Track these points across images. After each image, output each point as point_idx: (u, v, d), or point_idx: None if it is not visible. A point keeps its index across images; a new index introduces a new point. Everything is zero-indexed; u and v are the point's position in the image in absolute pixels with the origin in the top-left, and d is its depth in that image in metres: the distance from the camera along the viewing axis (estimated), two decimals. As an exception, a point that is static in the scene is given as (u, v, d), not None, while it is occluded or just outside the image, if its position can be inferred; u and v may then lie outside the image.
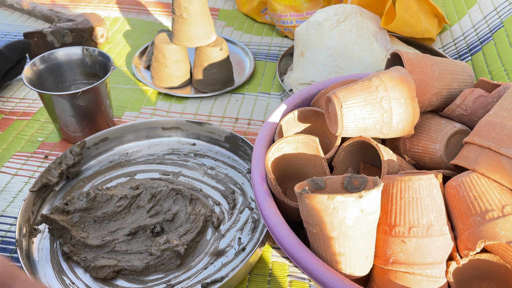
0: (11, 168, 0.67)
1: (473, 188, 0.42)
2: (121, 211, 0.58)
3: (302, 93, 0.60)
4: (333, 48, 0.74)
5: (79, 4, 1.11)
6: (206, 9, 0.77)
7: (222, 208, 0.60)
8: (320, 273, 0.40)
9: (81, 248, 0.53)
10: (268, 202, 0.47)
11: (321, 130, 0.58)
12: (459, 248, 0.42)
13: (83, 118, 0.67)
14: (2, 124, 0.74)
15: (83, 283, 0.51)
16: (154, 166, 0.66)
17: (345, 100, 0.47)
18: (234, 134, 0.67)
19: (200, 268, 0.53)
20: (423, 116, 0.55)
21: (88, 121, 0.68)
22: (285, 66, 0.87)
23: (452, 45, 0.91)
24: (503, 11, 0.83)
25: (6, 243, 0.56)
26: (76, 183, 0.63)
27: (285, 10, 0.95)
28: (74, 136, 0.69)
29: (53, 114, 0.67)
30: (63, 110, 0.65)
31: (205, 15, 0.77)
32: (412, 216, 0.41)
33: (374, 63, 0.74)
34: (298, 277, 0.54)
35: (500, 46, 0.79)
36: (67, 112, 0.65)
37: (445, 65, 0.54)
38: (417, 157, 0.53)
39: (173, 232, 0.56)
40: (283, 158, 0.51)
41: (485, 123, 0.45)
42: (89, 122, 0.68)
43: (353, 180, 0.44)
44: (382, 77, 0.49)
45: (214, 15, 1.09)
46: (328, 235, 0.40)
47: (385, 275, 0.43)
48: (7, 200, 0.62)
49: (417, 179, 0.42)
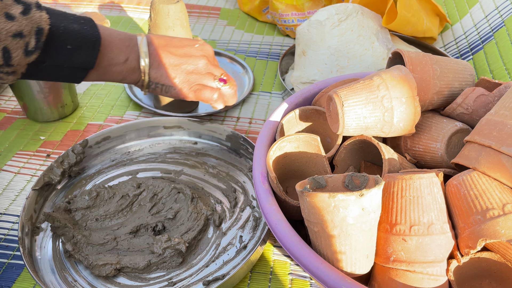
0: (13, 166, 0.67)
1: (474, 186, 0.42)
2: (123, 210, 0.58)
3: (303, 92, 0.61)
4: (335, 47, 0.74)
5: (81, 3, 1.11)
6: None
7: (223, 207, 0.60)
8: (321, 271, 0.40)
9: (83, 246, 0.54)
10: (270, 200, 0.47)
11: (322, 129, 0.58)
12: (459, 247, 0.42)
13: (48, 93, 0.71)
14: (4, 122, 0.75)
15: (85, 281, 0.51)
16: (156, 165, 0.66)
17: (346, 99, 0.48)
18: (235, 132, 0.67)
19: (202, 266, 0.53)
20: (424, 115, 0.55)
21: (54, 95, 0.72)
22: (286, 65, 0.87)
23: (454, 44, 0.91)
24: (504, 10, 0.83)
25: (8, 241, 0.57)
26: (78, 181, 0.64)
27: (286, 9, 0.95)
28: (42, 113, 0.73)
29: (18, 92, 0.71)
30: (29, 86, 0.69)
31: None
32: (413, 214, 0.41)
33: (376, 62, 0.74)
34: (299, 275, 0.54)
35: (502, 45, 0.79)
36: (34, 88, 0.69)
37: (446, 64, 0.54)
38: (418, 156, 0.53)
39: (175, 230, 0.56)
40: (284, 157, 0.51)
41: (486, 122, 0.45)
42: (55, 97, 0.72)
43: (354, 179, 0.44)
44: (383, 76, 0.49)
45: (215, 14, 1.09)
46: (329, 233, 0.40)
47: (386, 273, 0.43)
48: (9, 199, 0.62)
49: (418, 178, 0.42)
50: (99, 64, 0.54)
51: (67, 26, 0.50)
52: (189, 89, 0.60)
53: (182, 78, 0.59)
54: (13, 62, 0.46)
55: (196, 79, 0.60)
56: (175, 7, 0.69)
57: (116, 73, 0.56)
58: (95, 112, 0.78)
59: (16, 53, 0.45)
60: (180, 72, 0.59)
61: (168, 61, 0.58)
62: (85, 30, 0.51)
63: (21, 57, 0.46)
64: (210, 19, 1.07)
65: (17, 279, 0.53)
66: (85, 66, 0.52)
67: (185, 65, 0.59)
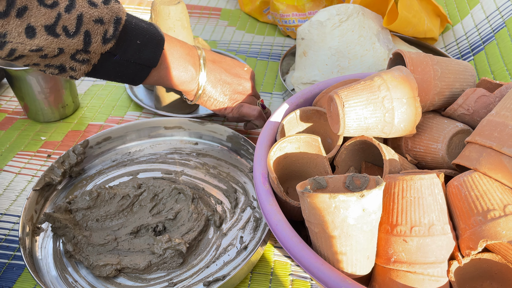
0: (14, 167, 0.67)
1: (475, 187, 0.42)
2: (124, 210, 0.58)
3: (304, 93, 0.61)
4: (335, 48, 0.74)
5: (82, 3, 1.11)
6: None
7: (224, 207, 0.60)
8: (321, 272, 0.40)
9: (83, 246, 0.54)
10: (270, 201, 0.47)
11: (323, 129, 0.58)
12: (460, 248, 0.42)
13: (49, 94, 0.71)
14: (5, 123, 0.75)
15: (86, 281, 0.51)
16: (157, 165, 0.66)
17: (347, 100, 0.48)
18: (236, 133, 0.67)
19: (202, 267, 0.53)
20: (425, 116, 0.55)
21: (55, 96, 0.72)
22: (287, 66, 0.87)
23: (455, 44, 0.91)
24: (505, 11, 0.83)
25: (9, 242, 0.57)
26: (79, 182, 0.64)
27: (287, 9, 0.95)
28: (43, 114, 0.74)
29: (19, 92, 0.71)
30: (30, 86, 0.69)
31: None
32: (413, 215, 0.41)
33: (376, 63, 0.74)
34: (300, 276, 0.54)
35: (503, 46, 0.79)
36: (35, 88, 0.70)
37: (447, 64, 0.54)
38: (419, 156, 0.53)
39: (175, 231, 0.56)
40: (285, 158, 0.51)
41: (487, 123, 0.45)
42: (56, 97, 0.72)
43: (355, 180, 0.44)
44: (384, 76, 0.49)
45: (216, 15, 1.09)
46: (330, 234, 0.40)
47: (387, 274, 0.43)
48: (10, 199, 0.62)
49: (419, 179, 0.42)
50: (161, 65, 0.56)
51: (138, 23, 0.53)
52: (232, 107, 0.63)
53: (230, 95, 0.62)
54: (91, 48, 0.48)
55: (241, 99, 0.64)
56: (176, 8, 0.69)
57: (174, 78, 0.58)
58: (96, 113, 0.78)
59: (96, 38, 0.48)
60: (231, 90, 0.62)
61: (222, 77, 0.61)
62: (151, 29, 0.54)
63: (99, 43, 0.48)
64: (211, 19, 1.07)
65: (17, 279, 0.53)
66: (150, 63, 0.55)
67: (235, 84, 0.62)
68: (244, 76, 0.64)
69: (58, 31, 0.45)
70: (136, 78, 0.56)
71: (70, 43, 0.46)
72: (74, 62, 0.49)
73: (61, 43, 0.46)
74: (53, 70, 0.50)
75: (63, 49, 0.47)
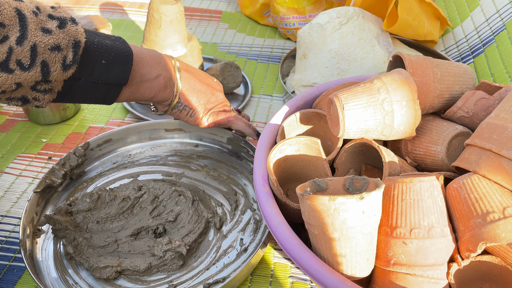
0: (15, 169, 0.67)
1: (474, 190, 0.42)
2: (124, 212, 0.58)
3: (304, 95, 0.61)
4: (335, 51, 0.74)
5: (83, 6, 1.12)
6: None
7: (224, 209, 0.60)
8: (321, 274, 0.40)
9: (84, 248, 0.54)
10: (270, 203, 0.47)
11: (323, 132, 0.58)
12: (460, 250, 0.42)
13: None
14: (7, 125, 0.75)
15: (86, 283, 0.51)
16: (157, 168, 0.66)
17: (346, 102, 0.48)
18: (236, 135, 0.67)
19: (202, 269, 0.53)
20: (424, 118, 0.55)
21: None
22: (287, 68, 0.87)
23: (455, 47, 0.91)
24: (505, 14, 0.83)
25: (10, 243, 0.57)
26: (80, 184, 0.64)
27: (287, 12, 0.96)
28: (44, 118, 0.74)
29: None
30: None
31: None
32: (413, 217, 0.41)
33: (376, 66, 0.75)
34: (299, 278, 0.54)
35: (503, 48, 0.79)
36: None
37: (446, 67, 0.55)
38: (419, 159, 0.53)
39: (176, 233, 0.56)
40: (285, 160, 0.51)
41: (486, 125, 0.46)
42: None
43: (355, 182, 0.44)
44: (384, 79, 0.49)
45: (217, 17, 1.09)
46: (330, 236, 0.40)
47: (386, 277, 0.43)
48: (11, 201, 0.62)
49: (419, 181, 0.42)
50: (132, 80, 0.54)
51: (100, 41, 0.50)
52: (207, 117, 0.62)
53: (205, 104, 0.61)
54: (51, 77, 0.45)
55: (216, 109, 0.63)
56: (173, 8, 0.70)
57: (148, 89, 0.56)
58: (97, 115, 0.78)
59: (54, 67, 0.44)
60: (205, 100, 0.61)
61: (196, 86, 0.60)
62: (117, 46, 0.51)
63: (59, 71, 0.45)
64: (212, 22, 1.08)
65: (18, 281, 0.53)
66: (119, 82, 0.52)
67: (209, 94, 0.62)
68: (216, 87, 0.63)
69: (11, 67, 0.42)
70: (107, 98, 0.53)
71: (27, 76, 0.43)
72: (36, 93, 0.46)
73: (17, 78, 0.42)
74: (16, 102, 0.46)
75: (21, 83, 0.43)
